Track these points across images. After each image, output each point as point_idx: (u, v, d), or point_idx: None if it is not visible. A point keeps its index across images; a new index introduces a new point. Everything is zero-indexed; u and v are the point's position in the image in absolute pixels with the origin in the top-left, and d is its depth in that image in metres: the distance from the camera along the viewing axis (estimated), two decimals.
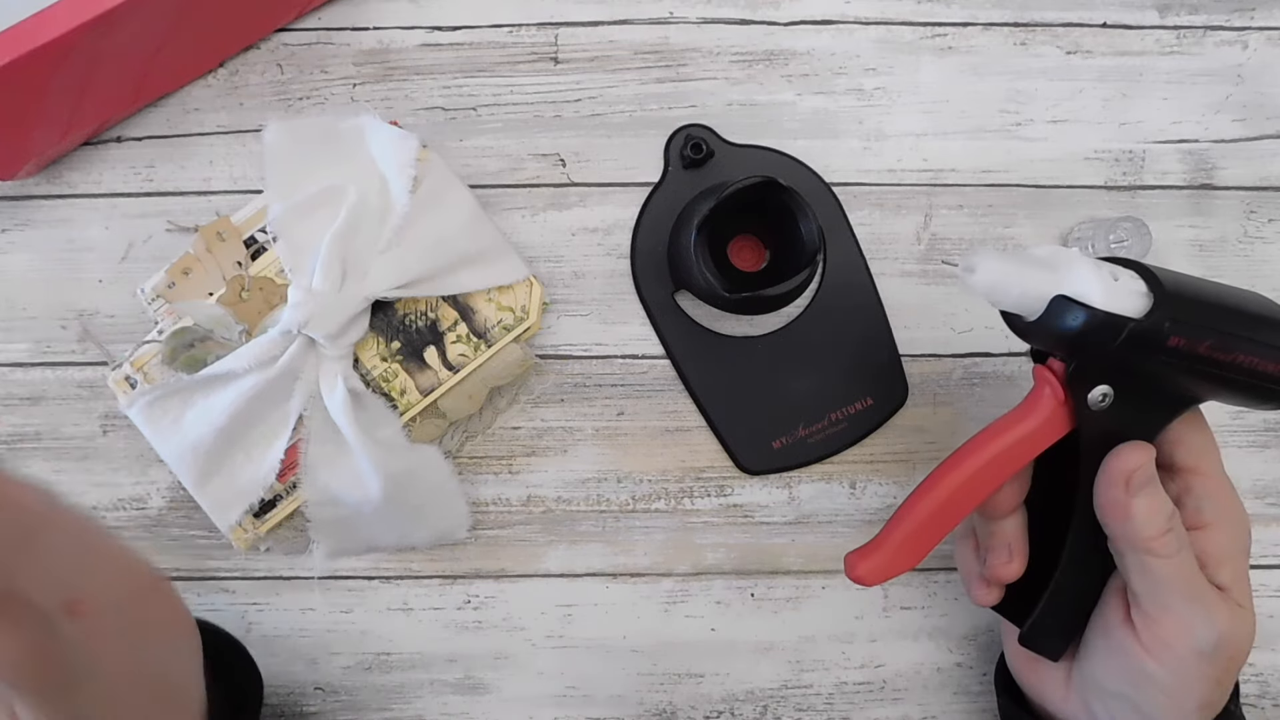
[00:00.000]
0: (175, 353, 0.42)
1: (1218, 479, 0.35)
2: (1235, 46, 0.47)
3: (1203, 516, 0.34)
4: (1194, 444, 0.35)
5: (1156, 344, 0.32)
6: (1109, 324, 0.32)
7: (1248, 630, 0.34)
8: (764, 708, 0.46)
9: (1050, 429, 0.34)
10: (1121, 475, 0.33)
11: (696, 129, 0.46)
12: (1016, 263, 0.32)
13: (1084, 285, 0.32)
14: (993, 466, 0.34)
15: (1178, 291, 0.33)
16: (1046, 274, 0.32)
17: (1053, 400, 0.34)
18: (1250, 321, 0.33)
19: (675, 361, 0.46)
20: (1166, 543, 0.33)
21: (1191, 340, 0.32)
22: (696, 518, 0.46)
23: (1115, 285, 0.32)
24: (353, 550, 0.44)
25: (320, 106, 0.46)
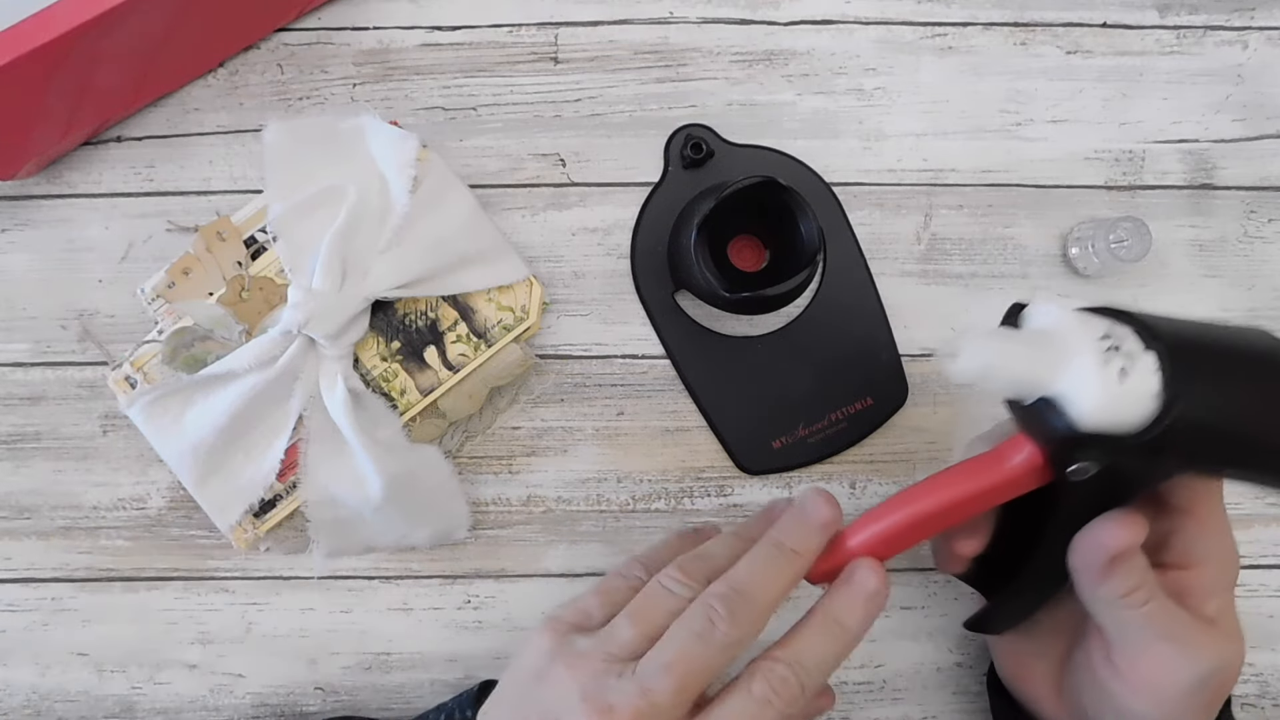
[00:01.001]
0: (175, 353, 0.42)
1: (1211, 520, 0.34)
2: (1235, 46, 0.47)
3: (1190, 557, 0.34)
4: (1192, 486, 0.34)
5: (1153, 457, 0.28)
6: (1093, 441, 0.28)
7: (1235, 659, 0.33)
8: None
9: (1022, 485, 0.32)
10: (1106, 552, 0.32)
11: (696, 129, 0.46)
12: (1008, 348, 0.29)
13: (1079, 389, 0.28)
14: (958, 507, 0.33)
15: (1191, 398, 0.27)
16: (1043, 363, 0.29)
17: (1029, 462, 0.32)
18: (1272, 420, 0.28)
19: (675, 361, 0.46)
20: (1138, 596, 0.32)
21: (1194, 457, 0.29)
22: (696, 518, 0.46)
23: (1118, 390, 0.28)
24: (352, 550, 0.44)
25: (320, 106, 0.46)
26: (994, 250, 0.47)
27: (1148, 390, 0.28)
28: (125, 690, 0.45)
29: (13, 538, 0.45)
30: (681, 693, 0.29)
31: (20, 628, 0.45)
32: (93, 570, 0.45)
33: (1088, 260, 0.45)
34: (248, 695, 0.45)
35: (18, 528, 0.45)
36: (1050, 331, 0.30)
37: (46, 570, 0.45)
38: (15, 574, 0.45)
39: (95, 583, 0.45)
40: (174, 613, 0.45)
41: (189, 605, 0.45)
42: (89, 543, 0.45)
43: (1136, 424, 0.28)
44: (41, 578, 0.45)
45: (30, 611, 0.45)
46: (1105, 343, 0.28)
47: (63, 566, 0.45)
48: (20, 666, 0.45)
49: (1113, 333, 0.29)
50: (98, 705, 0.45)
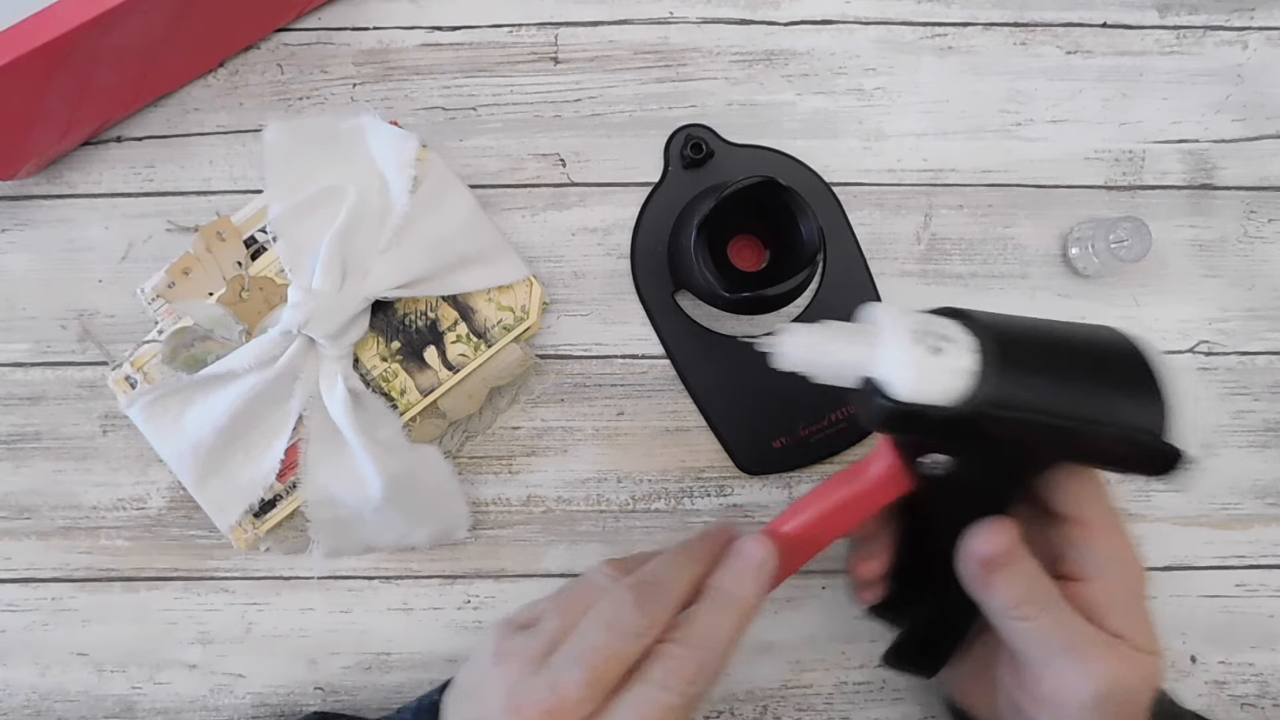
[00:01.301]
0: (175, 353, 0.42)
1: (1101, 526, 0.34)
2: (1235, 46, 0.48)
3: (1084, 568, 0.33)
4: (1073, 492, 0.34)
5: (974, 431, 0.29)
6: (913, 414, 0.29)
7: (1143, 674, 0.33)
8: (764, 708, 0.46)
9: (887, 489, 0.33)
10: (978, 559, 0.32)
11: (696, 129, 0.46)
12: (825, 337, 0.30)
13: (891, 366, 0.29)
14: (830, 520, 0.33)
15: (1003, 371, 0.29)
16: (857, 349, 0.30)
17: (888, 462, 0.32)
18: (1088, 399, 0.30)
19: (675, 361, 0.46)
20: (1026, 610, 0.32)
21: (1015, 429, 0.29)
22: (696, 518, 0.46)
23: (931, 365, 0.29)
24: (352, 550, 0.44)
25: (320, 106, 0.46)
26: (994, 250, 0.47)
27: (963, 366, 0.29)
28: (125, 690, 0.45)
29: (13, 538, 0.45)
30: (592, 685, 0.29)
31: (20, 628, 0.45)
32: (93, 570, 0.45)
33: (1088, 260, 0.45)
34: (248, 695, 0.45)
35: (18, 528, 0.45)
36: (870, 322, 0.31)
37: (46, 570, 0.45)
38: (15, 574, 0.45)
39: (95, 583, 0.45)
40: (174, 613, 0.45)
41: (189, 605, 0.45)
42: (89, 543, 0.45)
43: (954, 398, 0.29)
44: (41, 578, 0.45)
45: (30, 611, 0.45)
46: (917, 327, 0.30)
47: (63, 566, 0.45)
48: (20, 666, 0.45)
49: (930, 322, 0.31)
50: (98, 705, 0.45)
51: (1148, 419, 0.30)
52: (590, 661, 0.30)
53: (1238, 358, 0.47)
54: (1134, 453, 0.31)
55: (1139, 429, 0.30)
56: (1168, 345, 0.47)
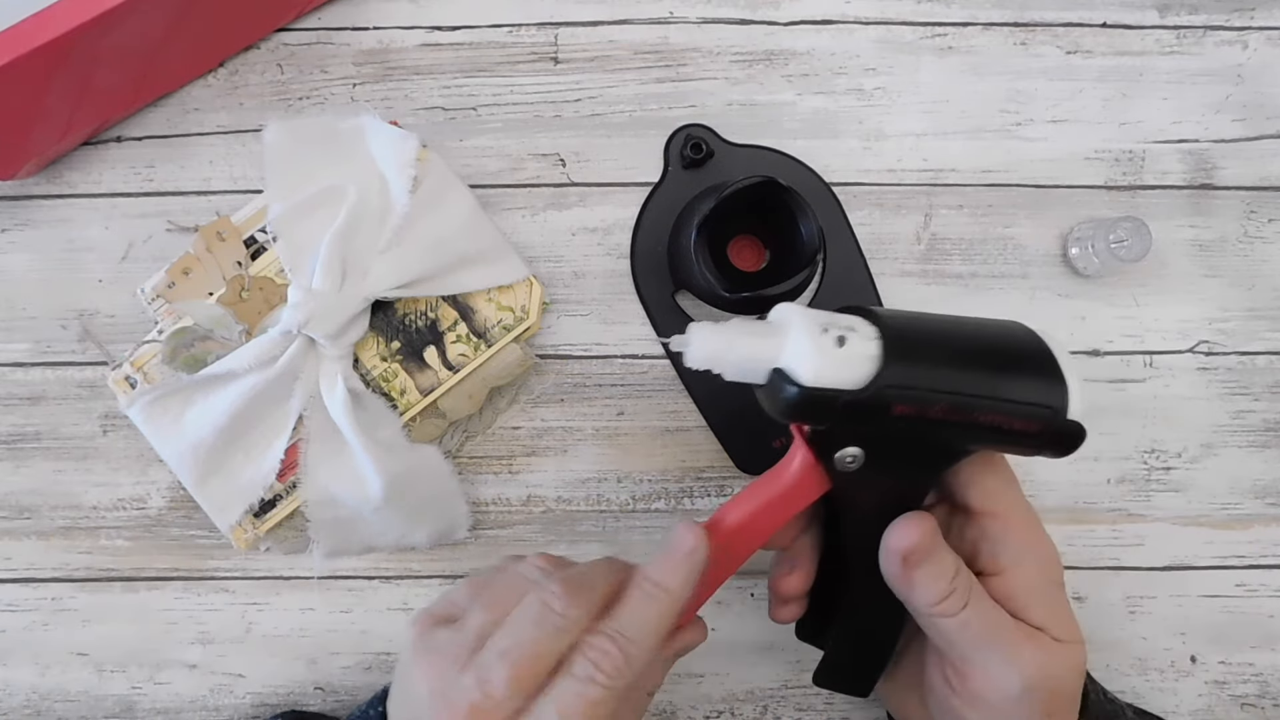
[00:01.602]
0: (175, 353, 0.42)
1: (1013, 518, 0.34)
2: (1235, 46, 0.47)
3: (1000, 561, 0.33)
4: (984, 485, 0.34)
5: (881, 412, 0.30)
6: (821, 399, 0.30)
7: (1068, 664, 0.33)
8: (764, 708, 0.46)
9: (805, 490, 0.33)
10: (898, 554, 0.32)
11: (696, 129, 0.46)
12: (732, 333, 0.31)
13: (797, 355, 0.30)
14: (750, 526, 0.33)
15: (906, 353, 0.30)
16: (764, 342, 0.31)
17: (804, 462, 0.33)
18: (990, 378, 0.31)
19: (675, 361, 0.46)
20: (949, 604, 0.32)
21: (920, 406, 0.30)
22: (696, 518, 0.46)
23: (836, 353, 0.30)
24: (352, 550, 0.44)
25: (320, 106, 0.46)
26: (994, 250, 0.47)
27: (867, 353, 0.30)
28: (125, 690, 0.45)
29: (13, 538, 0.45)
30: (518, 681, 0.29)
31: (20, 628, 0.45)
32: (93, 570, 0.45)
33: (1088, 260, 0.45)
34: (248, 695, 0.45)
35: (18, 528, 0.45)
36: (777, 320, 0.32)
37: (46, 570, 0.45)
38: (15, 574, 0.45)
39: (95, 583, 0.45)
40: (174, 613, 0.45)
41: (189, 605, 0.45)
42: (89, 543, 0.45)
43: (860, 382, 0.30)
44: (41, 578, 0.45)
45: (30, 611, 0.45)
46: (822, 320, 0.31)
47: (63, 566, 0.45)
48: (20, 666, 0.45)
49: (835, 317, 0.32)
50: (98, 705, 0.45)
51: (1049, 396, 0.31)
52: (516, 658, 0.29)
53: (1238, 358, 0.47)
54: (1037, 429, 0.31)
55: (1040, 404, 0.31)
56: (1168, 345, 0.47)
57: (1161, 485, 0.46)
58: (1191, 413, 0.46)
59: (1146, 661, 0.46)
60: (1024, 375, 0.31)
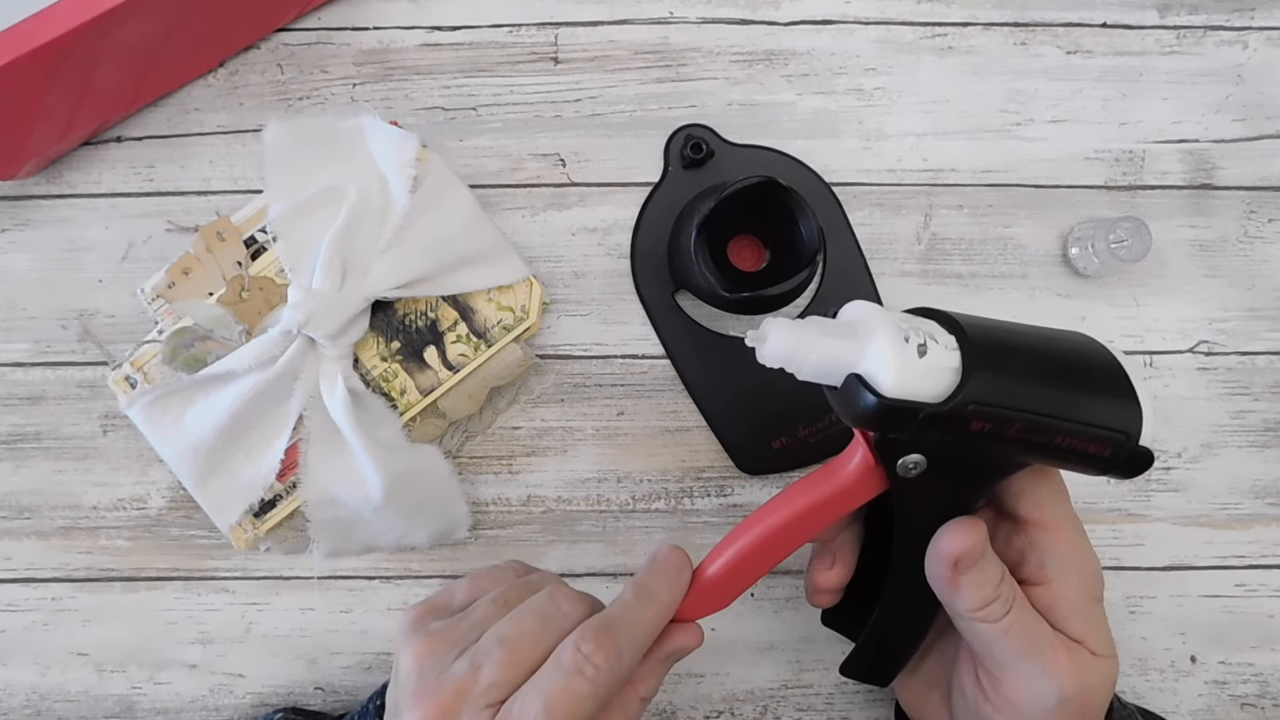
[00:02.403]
0: (175, 353, 0.42)
1: (1063, 530, 0.34)
2: (1235, 46, 0.47)
3: (1046, 572, 0.33)
4: (1036, 495, 0.34)
5: (959, 427, 0.30)
6: (900, 411, 0.29)
7: (1101, 677, 0.33)
8: (764, 708, 0.46)
9: (861, 490, 0.33)
10: (949, 559, 0.32)
11: (696, 129, 0.46)
12: (811, 332, 0.30)
13: (880, 363, 0.29)
14: (801, 521, 0.33)
15: (989, 368, 0.30)
16: (845, 345, 0.30)
17: (863, 463, 0.32)
18: (1070, 399, 0.30)
19: (675, 361, 0.46)
20: (992, 610, 0.32)
21: (999, 424, 0.30)
22: (696, 518, 0.46)
23: (917, 363, 0.29)
24: (352, 550, 0.44)
25: (320, 106, 0.46)
26: (994, 250, 0.47)
27: (947, 364, 0.30)
28: (125, 690, 0.45)
29: (13, 538, 0.45)
30: (510, 666, 0.30)
31: (20, 628, 0.45)
32: (93, 570, 0.45)
33: (1088, 260, 0.45)
34: (248, 695, 0.45)
35: (18, 528, 0.45)
36: (855, 320, 0.31)
37: (46, 570, 0.45)
38: (15, 574, 0.45)
39: (95, 583, 0.45)
40: (174, 613, 0.45)
41: (189, 605, 0.45)
42: (89, 543, 0.45)
43: (939, 395, 0.30)
44: (41, 578, 0.45)
45: (30, 611, 0.45)
46: (904, 325, 0.30)
47: (63, 566, 0.45)
48: (20, 666, 0.45)
49: (914, 321, 0.31)
50: (98, 705, 0.45)
51: (1124, 421, 0.31)
52: (515, 646, 0.30)
53: (1238, 358, 0.47)
54: (1109, 453, 0.31)
55: (1116, 430, 0.31)
56: (1168, 345, 0.47)
57: (1161, 485, 0.46)
58: (1191, 413, 0.46)
59: (1146, 661, 0.46)
60: (1102, 396, 0.31)
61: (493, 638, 0.31)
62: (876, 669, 0.38)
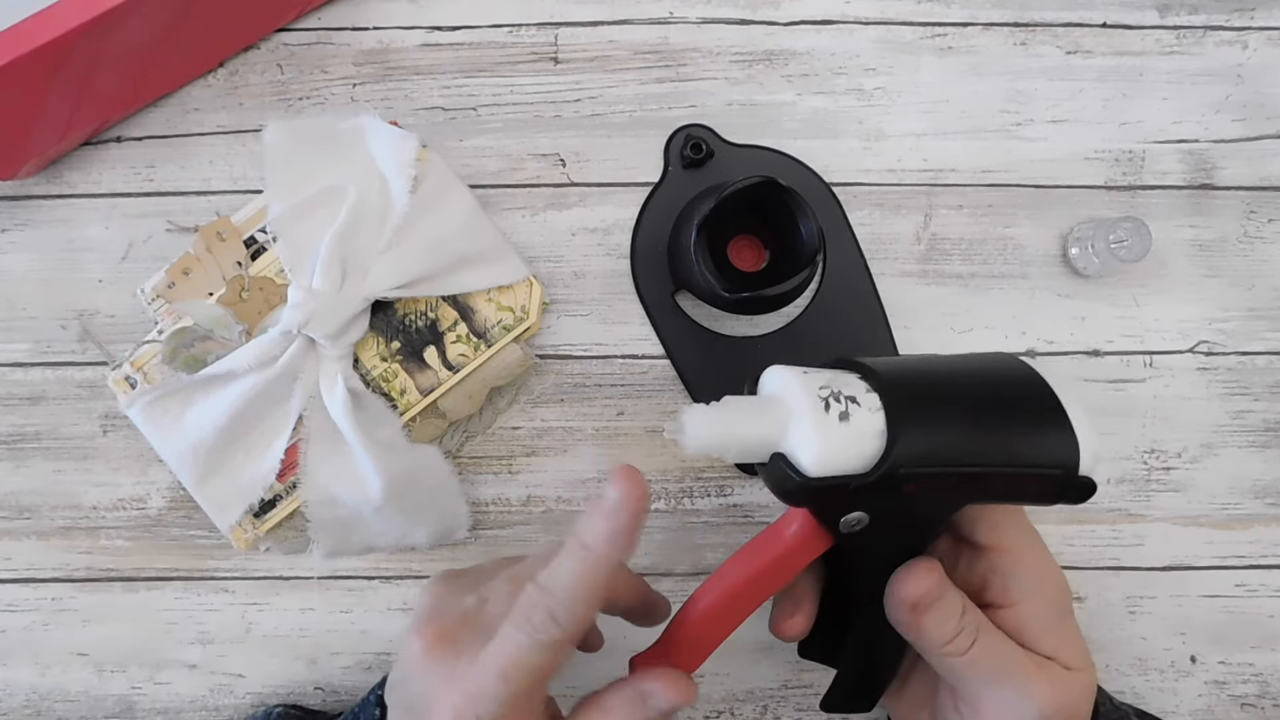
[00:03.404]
0: (175, 353, 0.42)
1: (1023, 550, 0.34)
2: (1235, 46, 0.47)
3: (1011, 595, 0.33)
4: (992, 520, 0.34)
5: (892, 491, 0.29)
6: (827, 488, 0.28)
7: (1079, 691, 0.33)
8: (764, 708, 0.46)
9: (807, 550, 0.32)
10: (907, 603, 0.32)
11: (696, 129, 0.46)
12: (730, 417, 0.29)
13: (802, 441, 0.28)
14: (754, 586, 0.32)
15: (915, 427, 0.29)
16: (765, 425, 0.29)
17: (806, 525, 0.31)
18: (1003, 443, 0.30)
19: (675, 361, 0.46)
20: (957, 644, 0.32)
21: (932, 482, 0.29)
22: (696, 518, 0.46)
23: (841, 434, 0.28)
24: (352, 550, 0.44)
25: (320, 106, 0.46)
26: (994, 250, 0.47)
27: (872, 428, 0.29)
28: (125, 690, 0.45)
29: (13, 538, 0.45)
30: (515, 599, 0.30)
31: (20, 628, 0.45)
32: (93, 570, 0.45)
33: (1088, 260, 0.45)
34: (248, 695, 0.45)
35: (18, 528, 0.45)
36: (774, 393, 0.30)
37: (46, 570, 0.45)
38: (15, 574, 0.45)
39: (95, 583, 0.45)
40: (174, 613, 0.45)
41: (189, 605, 0.45)
42: (89, 543, 0.45)
43: (867, 463, 0.29)
44: (41, 578, 0.45)
45: (30, 611, 0.45)
46: (824, 392, 0.29)
47: (63, 566, 0.45)
48: (20, 666, 0.45)
49: (834, 381, 0.30)
50: (98, 705, 0.45)
51: (1060, 454, 0.30)
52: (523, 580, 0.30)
53: (1238, 358, 0.47)
54: (1049, 488, 0.31)
55: (1054, 465, 0.30)
56: (1168, 345, 0.47)
57: (1161, 485, 0.46)
58: (1191, 413, 0.46)
59: (1146, 661, 0.46)
60: (1035, 432, 0.30)
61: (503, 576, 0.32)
62: (857, 699, 0.38)
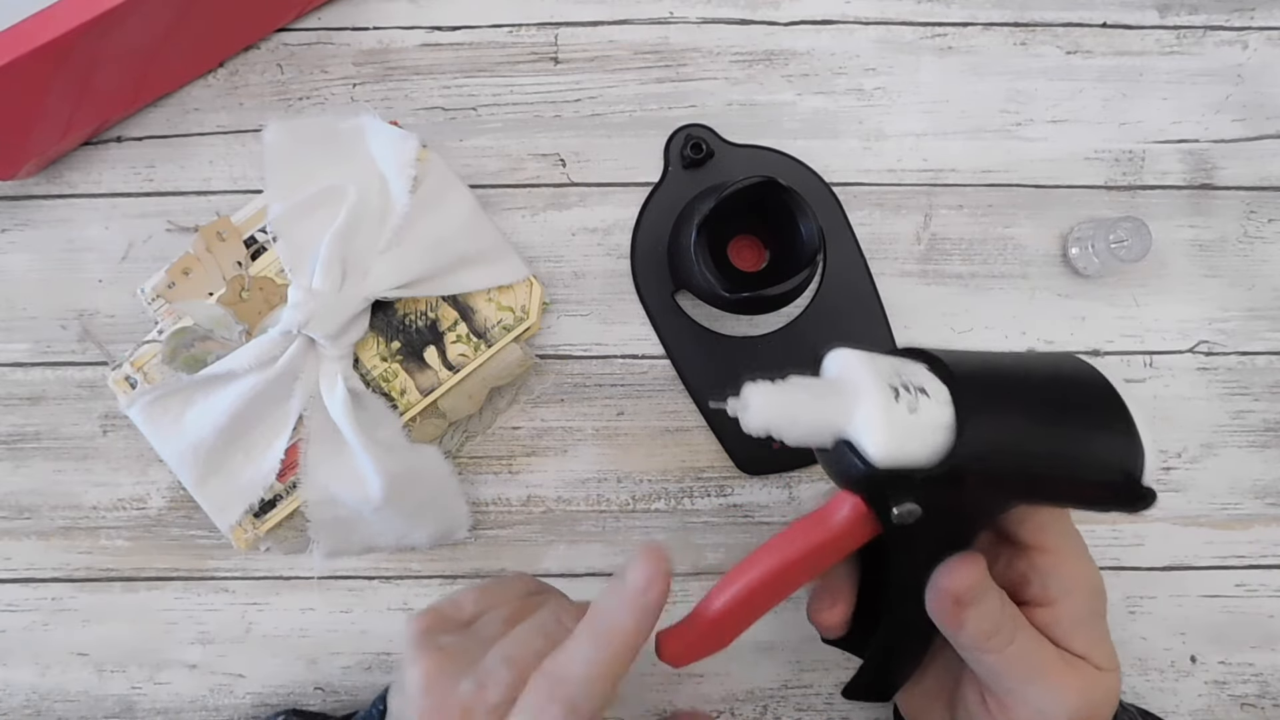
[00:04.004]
0: (175, 353, 0.42)
1: (1064, 552, 0.33)
2: (1235, 46, 0.47)
3: (1049, 593, 0.33)
4: (1038, 520, 0.33)
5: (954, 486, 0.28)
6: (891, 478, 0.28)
7: (1107, 689, 0.33)
8: (764, 708, 0.46)
9: (854, 537, 0.31)
10: (950, 595, 0.31)
11: (696, 129, 0.46)
12: (795, 396, 0.28)
13: (868, 428, 0.28)
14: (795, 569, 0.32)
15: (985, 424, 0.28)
16: (831, 408, 0.28)
17: (854, 512, 0.31)
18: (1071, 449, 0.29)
19: (675, 361, 0.46)
20: (996, 641, 0.32)
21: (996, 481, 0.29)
22: (696, 518, 0.46)
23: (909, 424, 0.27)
24: (352, 550, 0.44)
25: (320, 106, 0.46)
26: (994, 250, 0.47)
27: (940, 422, 0.28)
28: (125, 690, 0.45)
29: (13, 538, 0.45)
30: (516, 688, 0.29)
31: (20, 628, 0.45)
32: (93, 570, 0.45)
33: (1088, 260, 0.45)
34: (248, 695, 0.45)
35: (18, 528, 0.45)
36: (841, 376, 0.29)
37: (46, 570, 0.45)
38: (15, 574, 0.45)
39: (95, 583, 0.45)
40: (174, 613, 0.45)
41: (189, 605, 0.45)
42: (89, 543, 0.45)
43: (933, 456, 0.28)
44: (41, 578, 0.45)
45: (30, 611, 0.45)
46: (894, 380, 0.28)
47: (63, 566, 0.45)
48: (20, 666, 0.45)
49: (903, 370, 0.29)
50: (98, 705, 0.45)
51: (1125, 461, 0.30)
52: (519, 666, 0.29)
53: (1238, 358, 0.47)
54: (1109, 494, 0.30)
55: (1117, 472, 0.30)
56: (1168, 345, 0.47)
57: (1161, 485, 0.46)
58: (1191, 413, 0.46)
59: (1146, 661, 0.46)
60: (1102, 439, 0.29)
61: (498, 657, 0.30)
62: (877, 689, 0.37)
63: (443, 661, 0.30)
